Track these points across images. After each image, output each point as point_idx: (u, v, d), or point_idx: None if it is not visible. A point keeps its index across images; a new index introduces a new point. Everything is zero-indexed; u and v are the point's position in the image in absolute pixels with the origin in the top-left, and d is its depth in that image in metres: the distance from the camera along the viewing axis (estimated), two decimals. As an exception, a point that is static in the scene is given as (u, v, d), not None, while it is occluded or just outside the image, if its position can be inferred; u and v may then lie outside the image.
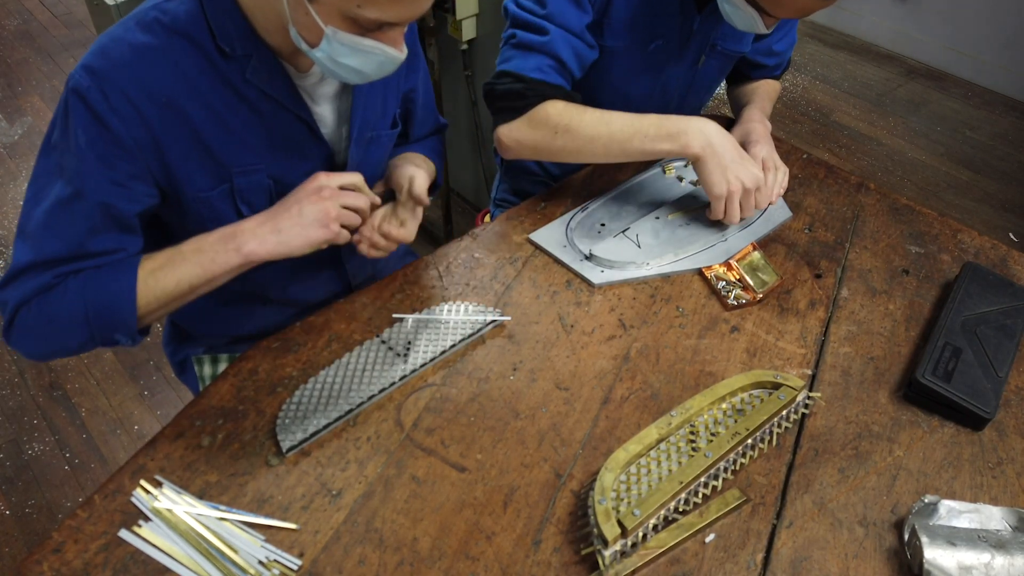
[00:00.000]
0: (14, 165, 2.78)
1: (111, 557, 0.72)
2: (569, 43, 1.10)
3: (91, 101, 0.77)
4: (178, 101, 0.81)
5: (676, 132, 1.06)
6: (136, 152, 0.81)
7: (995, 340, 0.96)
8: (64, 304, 0.83)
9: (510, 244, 1.11)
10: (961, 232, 1.19)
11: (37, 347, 0.87)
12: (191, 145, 0.84)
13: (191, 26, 0.81)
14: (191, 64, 0.82)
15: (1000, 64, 3.34)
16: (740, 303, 1.03)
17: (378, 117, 1.00)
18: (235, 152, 0.88)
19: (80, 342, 0.85)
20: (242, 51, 0.83)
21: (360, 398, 0.87)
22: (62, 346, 0.86)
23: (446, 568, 0.73)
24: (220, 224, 0.87)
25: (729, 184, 1.06)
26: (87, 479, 1.81)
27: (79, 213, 0.81)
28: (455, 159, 2.36)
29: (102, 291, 0.83)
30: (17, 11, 3.78)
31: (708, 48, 1.25)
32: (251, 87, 0.85)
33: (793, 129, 3.13)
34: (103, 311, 0.83)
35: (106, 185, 0.81)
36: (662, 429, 0.82)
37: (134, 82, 0.78)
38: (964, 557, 0.73)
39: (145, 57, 0.79)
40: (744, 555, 0.76)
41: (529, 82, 1.09)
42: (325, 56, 0.78)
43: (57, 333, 0.85)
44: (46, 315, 0.83)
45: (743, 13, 1.03)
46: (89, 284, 0.83)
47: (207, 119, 0.84)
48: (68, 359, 2.08)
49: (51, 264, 0.83)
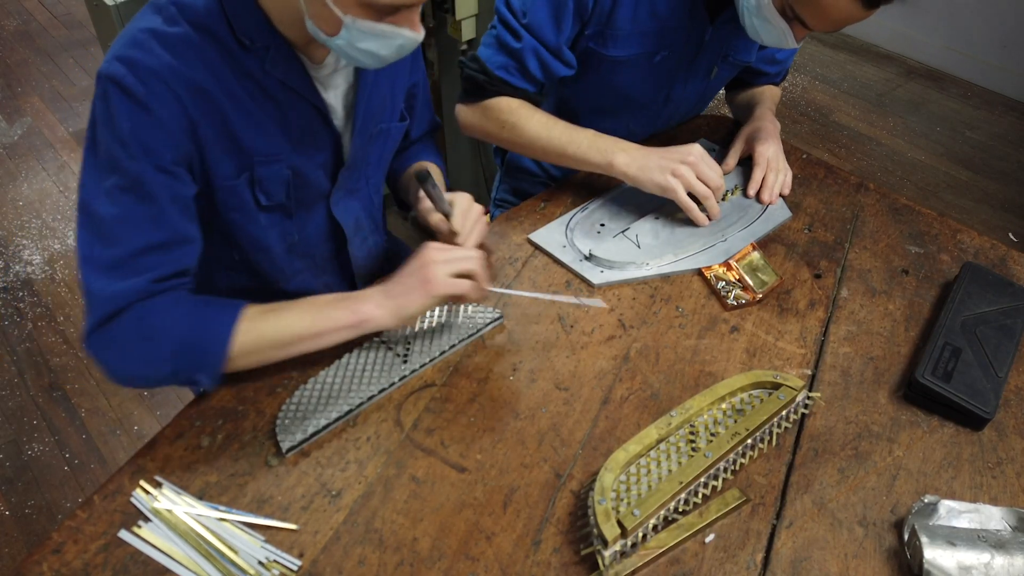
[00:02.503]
0: (14, 165, 2.78)
1: (111, 558, 0.72)
2: (538, 56, 1.13)
3: (130, 87, 0.77)
4: (209, 88, 0.82)
5: (604, 150, 1.12)
6: (179, 136, 0.81)
7: (995, 340, 0.96)
8: (162, 325, 0.80)
9: (510, 244, 1.11)
10: (961, 232, 1.19)
11: (119, 362, 0.81)
12: (220, 132, 0.85)
13: (209, 19, 0.81)
14: (215, 55, 0.82)
15: (999, 64, 3.34)
16: (740, 303, 1.03)
17: (386, 110, 1.01)
18: (258, 141, 0.88)
19: (162, 373, 0.81)
20: (260, 43, 0.84)
21: (360, 398, 0.87)
22: (142, 371, 0.82)
23: (446, 568, 0.73)
24: (243, 213, 0.91)
25: (666, 171, 1.07)
26: (87, 480, 1.81)
27: (146, 197, 0.80)
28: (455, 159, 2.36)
29: (201, 322, 0.82)
30: (16, 12, 3.78)
31: (720, 59, 1.25)
32: (270, 78, 0.86)
33: (793, 129, 3.13)
34: (196, 343, 0.81)
35: (152, 171, 0.80)
36: (662, 429, 0.82)
37: (169, 68, 0.79)
38: (964, 557, 0.73)
39: (176, 46, 0.80)
40: (744, 555, 0.76)
41: (492, 77, 1.15)
42: (345, 43, 0.79)
43: (146, 355, 0.81)
44: (142, 330, 0.80)
45: (773, 28, 1.02)
46: (190, 312, 0.82)
47: (233, 107, 0.85)
48: (68, 359, 2.08)
49: (147, 251, 0.80)
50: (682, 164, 1.07)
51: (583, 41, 1.17)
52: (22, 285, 2.31)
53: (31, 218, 2.55)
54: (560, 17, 1.10)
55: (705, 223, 1.11)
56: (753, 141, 1.22)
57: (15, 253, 2.42)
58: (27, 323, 2.19)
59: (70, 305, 2.25)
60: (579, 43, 1.17)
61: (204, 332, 0.82)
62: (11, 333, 2.16)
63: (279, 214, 0.97)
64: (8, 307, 2.24)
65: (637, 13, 1.13)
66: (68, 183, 2.70)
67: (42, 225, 2.53)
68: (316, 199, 0.99)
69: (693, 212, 1.10)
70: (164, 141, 0.80)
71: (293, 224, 0.99)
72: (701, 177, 1.08)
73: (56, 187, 2.68)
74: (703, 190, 1.08)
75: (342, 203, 1.03)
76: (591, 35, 1.15)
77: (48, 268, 2.36)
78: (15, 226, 2.52)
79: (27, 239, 2.47)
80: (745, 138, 1.25)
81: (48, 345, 2.13)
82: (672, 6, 1.13)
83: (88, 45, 3.47)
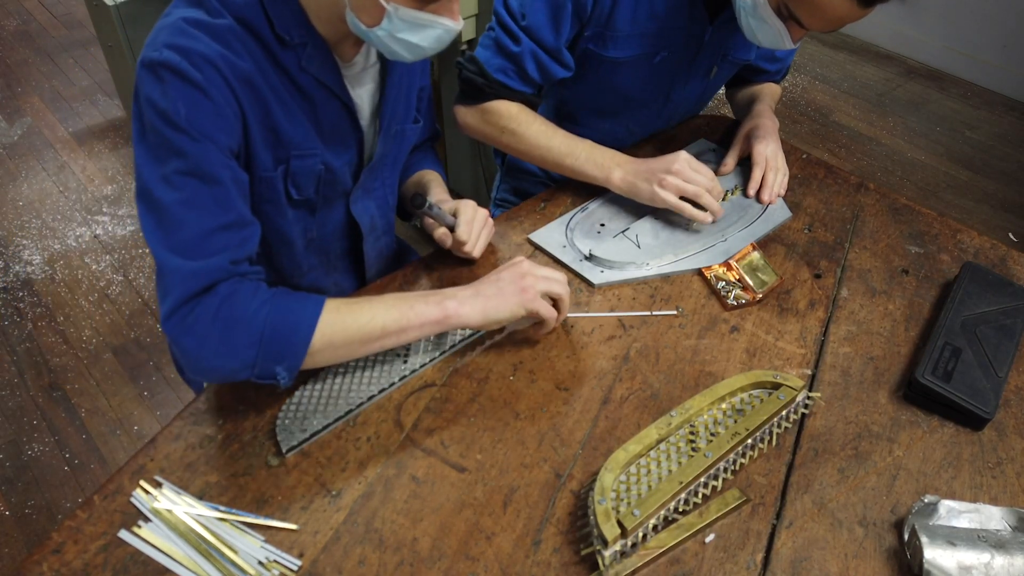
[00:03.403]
0: (14, 165, 2.78)
1: (111, 558, 0.72)
2: (537, 58, 1.13)
3: (187, 73, 0.76)
4: (254, 79, 0.82)
5: (602, 165, 1.14)
6: (232, 123, 0.81)
7: (995, 340, 0.96)
8: (244, 312, 0.78)
9: (510, 244, 1.11)
10: (960, 232, 1.19)
11: (199, 349, 0.77)
12: (263, 123, 0.85)
13: (249, 12, 0.82)
14: (255, 47, 0.83)
15: (999, 64, 3.34)
16: (740, 303, 1.03)
17: (404, 112, 1.03)
18: (295, 134, 0.89)
19: (242, 362, 0.78)
20: (299, 39, 0.84)
21: (360, 398, 0.87)
22: (221, 360, 0.78)
23: (446, 568, 0.73)
24: (275, 206, 0.92)
25: (653, 183, 1.09)
26: (87, 480, 1.81)
27: (212, 179, 0.78)
28: (455, 159, 2.36)
29: (284, 312, 0.79)
30: (16, 12, 3.78)
31: (720, 58, 1.25)
32: (305, 74, 0.87)
33: (793, 129, 3.13)
34: (280, 332, 0.79)
35: (215, 151, 0.79)
36: (662, 429, 0.82)
37: (220, 56, 0.79)
38: (964, 557, 0.73)
39: (223, 36, 0.80)
40: (744, 555, 0.76)
41: (490, 80, 1.15)
42: (386, 34, 0.80)
43: (227, 342, 0.77)
44: (224, 316, 0.77)
45: (769, 28, 1.02)
46: (272, 301, 0.80)
47: (275, 100, 0.85)
48: (68, 359, 2.08)
49: (219, 230, 0.79)
50: (667, 174, 1.08)
51: (582, 43, 1.17)
52: (22, 285, 2.31)
53: (31, 218, 2.55)
54: (559, 19, 1.10)
55: (707, 220, 1.11)
56: (752, 139, 1.22)
57: (15, 253, 2.42)
58: (27, 323, 2.19)
59: (70, 305, 2.25)
60: (578, 44, 1.17)
61: (287, 322, 0.79)
62: (11, 333, 2.17)
63: (304, 210, 0.98)
64: (8, 307, 2.24)
65: (636, 14, 1.13)
66: (68, 183, 2.70)
67: (42, 225, 2.53)
68: (338, 196, 1.00)
69: (694, 214, 1.10)
70: (221, 127, 0.79)
71: (315, 220, 1.00)
72: (691, 181, 1.08)
73: (56, 187, 2.68)
74: (694, 190, 1.08)
75: (360, 202, 1.04)
76: (590, 36, 1.15)
77: (48, 268, 2.36)
78: (15, 226, 2.52)
79: (27, 239, 2.47)
80: (744, 136, 1.24)
81: (48, 345, 2.13)
82: (672, 7, 1.13)
83: (88, 45, 3.48)
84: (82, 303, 2.25)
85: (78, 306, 2.24)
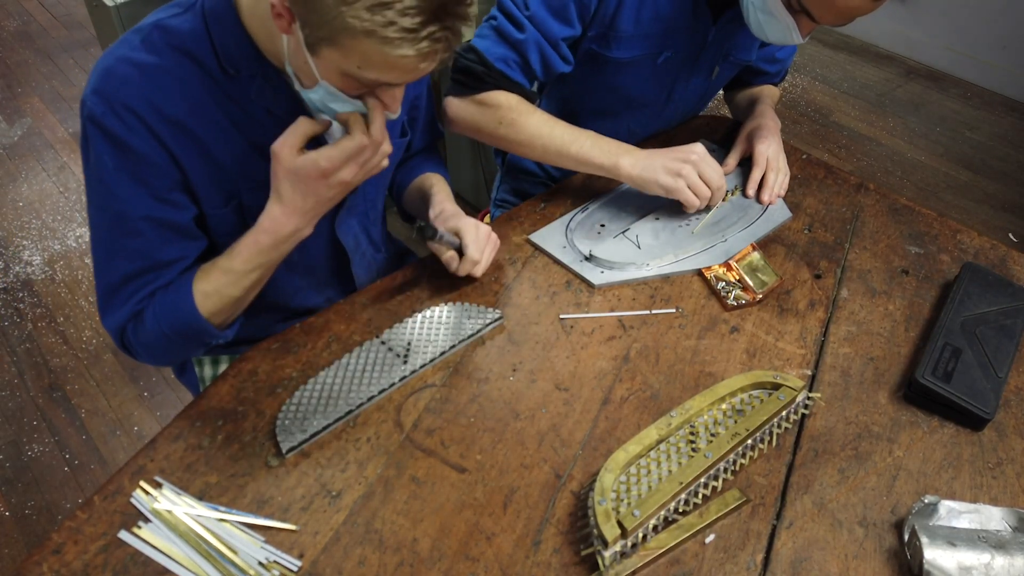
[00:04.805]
0: (13, 166, 2.78)
1: (111, 558, 0.72)
2: (541, 49, 1.12)
3: (108, 126, 0.78)
4: (186, 120, 0.81)
5: (609, 151, 1.11)
6: (164, 167, 0.82)
7: (995, 340, 0.96)
8: (150, 331, 0.88)
9: (510, 245, 1.11)
10: (960, 232, 1.19)
11: (147, 361, 0.95)
12: (203, 163, 0.85)
13: (194, 44, 0.81)
14: (196, 83, 0.81)
15: (999, 65, 3.34)
16: (740, 303, 1.03)
17: (389, 127, 1.00)
18: (245, 168, 0.88)
19: (186, 352, 0.94)
20: (247, 72, 0.83)
21: (360, 399, 0.87)
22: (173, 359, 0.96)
23: (446, 569, 0.73)
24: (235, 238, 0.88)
25: (670, 171, 1.07)
26: (87, 480, 1.81)
27: (130, 232, 0.84)
28: (455, 159, 2.36)
29: (169, 311, 0.87)
30: (17, 12, 3.78)
31: (722, 58, 1.25)
32: (255, 105, 0.85)
33: (793, 130, 3.13)
34: (178, 328, 0.88)
35: (148, 201, 0.83)
36: (662, 430, 0.82)
37: (143, 101, 0.79)
38: (964, 557, 0.73)
39: (152, 77, 0.79)
40: (744, 556, 0.76)
41: (491, 68, 1.12)
42: (318, 100, 0.80)
43: (161, 352, 0.92)
44: (142, 343, 0.90)
45: (778, 23, 1.01)
46: (158, 308, 0.88)
47: (217, 137, 0.84)
48: (68, 360, 2.08)
49: (127, 280, 0.87)
50: (685, 163, 1.07)
51: (586, 43, 1.17)
52: (22, 285, 2.31)
53: (31, 218, 2.55)
54: (563, 14, 1.10)
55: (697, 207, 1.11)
56: (753, 139, 1.22)
57: (15, 254, 2.42)
58: (27, 323, 2.19)
59: (70, 306, 2.25)
60: (581, 45, 1.17)
61: (176, 313, 0.87)
62: (11, 333, 2.17)
63: None
64: (8, 307, 2.24)
65: (640, 15, 1.13)
66: (68, 184, 2.70)
67: (42, 226, 2.53)
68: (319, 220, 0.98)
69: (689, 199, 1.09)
70: (151, 173, 0.82)
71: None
72: (703, 176, 1.08)
73: (56, 188, 2.68)
74: (705, 191, 1.08)
75: (345, 223, 1.02)
76: (593, 37, 1.15)
77: (48, 269, 2.36)
78: (15, 226, 2.52)
79: (27, 239, 2.47)
80: (745, 136, 1.24)
81: (48, 345, 2.13)
82: (676, 7, 1.12)
83: (88, 46, 3.48)
84: (82, 303, 2.25)
85: (78, 306, 2.24)
